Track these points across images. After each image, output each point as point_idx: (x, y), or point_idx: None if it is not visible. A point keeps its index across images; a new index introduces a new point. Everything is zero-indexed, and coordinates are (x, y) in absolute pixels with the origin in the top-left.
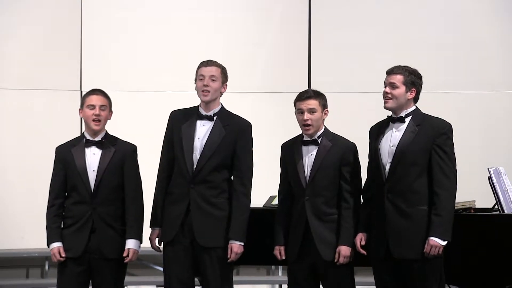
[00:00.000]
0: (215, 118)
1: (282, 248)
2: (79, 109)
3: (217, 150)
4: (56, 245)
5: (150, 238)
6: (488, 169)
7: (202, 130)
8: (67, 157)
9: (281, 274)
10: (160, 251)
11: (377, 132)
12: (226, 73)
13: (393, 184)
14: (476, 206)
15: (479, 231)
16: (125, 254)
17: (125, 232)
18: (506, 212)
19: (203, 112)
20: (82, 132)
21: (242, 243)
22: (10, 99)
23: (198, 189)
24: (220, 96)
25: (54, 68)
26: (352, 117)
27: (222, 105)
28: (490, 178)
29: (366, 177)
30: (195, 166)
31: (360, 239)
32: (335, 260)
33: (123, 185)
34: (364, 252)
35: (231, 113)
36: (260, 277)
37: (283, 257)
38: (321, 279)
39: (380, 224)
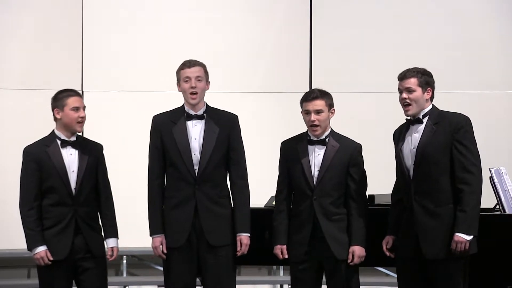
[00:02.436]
0: (205, 116)
1: (284, 247)
2: (56, 110)
3: (215, 147)
4: (43, 248)
5: (154, 247)
6: (489, 169)
7: (196, 130)
8: (42, 158)
9: (282, 274)
10: (165, 258)
11: (398, 135)
12: (207, 71)
13: (419, 186)
14: None
15: (480, 231)
16: (109, 253)
17: (100, 231)
18: (507, 212)
19: (192, 112)
20: (51, 132)
21: (249, 234)
22: (10, 99)
23: (203, 190)
24: (205, 92)
25: (55, 68)
26: (353, 117)
27: (206, 102)
28: (491, 178)
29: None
30: (197, 167)
31: (387, 242)
32: (349, 261)
33: (96, 184)
34: (392, 255)
35: (217, 109)
36: (262, 277)
37: (285, 257)
38: (327, 277)
39: (408, 225)
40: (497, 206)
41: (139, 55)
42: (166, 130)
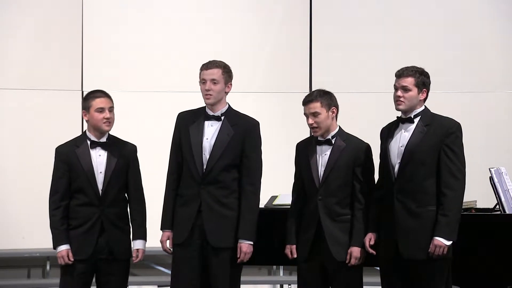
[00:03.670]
0: (222, 118)
1: (294, 247)
2: (83, 112)
3: (226, 150)
4: (65, 247)
5: (161, 241)
6: (489, 169)
7: (210, 130)
8: (71, 158)
9: (282, 274)
10: (171, 253)
11: (387, 132)
12: (229, 72)
13: (402, 184)
14: (477, 206)
15: (480, 231)
16: (134, 255)
17: (129, 232)
18: (507, 212)
19: (210, 113)
20: (83, 132)
21: (252, 243)
22: (10, 99)
23: (208, 190)
24: (226, 94)
25: (55, 68)
26: (353, 117)
27: (228, 104)
28: (491, 178)
29: (377, 177)
30: (204, 167)
31: (369, 239)
32: (347, 262)
33: (127, 185)
34: (373, 252)
35: (238, 112)
36: (261, 277)
37: (294, 256)
38: (330, 279)
39: (389, 224)
40: (497, 206)
41: (139, 55)
42: (184, 128)
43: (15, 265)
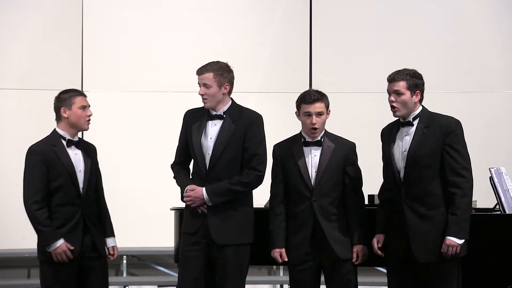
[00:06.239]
0: (225, 116)
1: (283, 250)
2: (62, 109)
3: (227, 146)
4: (62, 241)
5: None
6: (489, 169)
7: (214, 129)
8: (51, 157)
9: (282, 274)
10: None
11: (388, 135)
12: (223, 73)
13: (410, 189)
14: (477, 206)
15: (480, 231)
16: (111, 252)
17: (102, 230)
18: (507, 212)
19: (213, 112)
20: (53, 131)
21: (211, 204)
22: (10, 99)
23: None
24: (225, 94)
25: (55, 68)
26: (353, 117)
27: (232, 100)
28: (491, 178)
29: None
30: (207, 165)
31: (377, 240)
32: (354, 260)
33: (97, 184)
34: (382, 254)
35: (241, 107)
36: (262, 277)
37: (285, 259)
38: (326, 277)
39: (399, 227)
40: (497, 206)
41: (139, 55)
42: (189, 127)
43: (15, 265)
